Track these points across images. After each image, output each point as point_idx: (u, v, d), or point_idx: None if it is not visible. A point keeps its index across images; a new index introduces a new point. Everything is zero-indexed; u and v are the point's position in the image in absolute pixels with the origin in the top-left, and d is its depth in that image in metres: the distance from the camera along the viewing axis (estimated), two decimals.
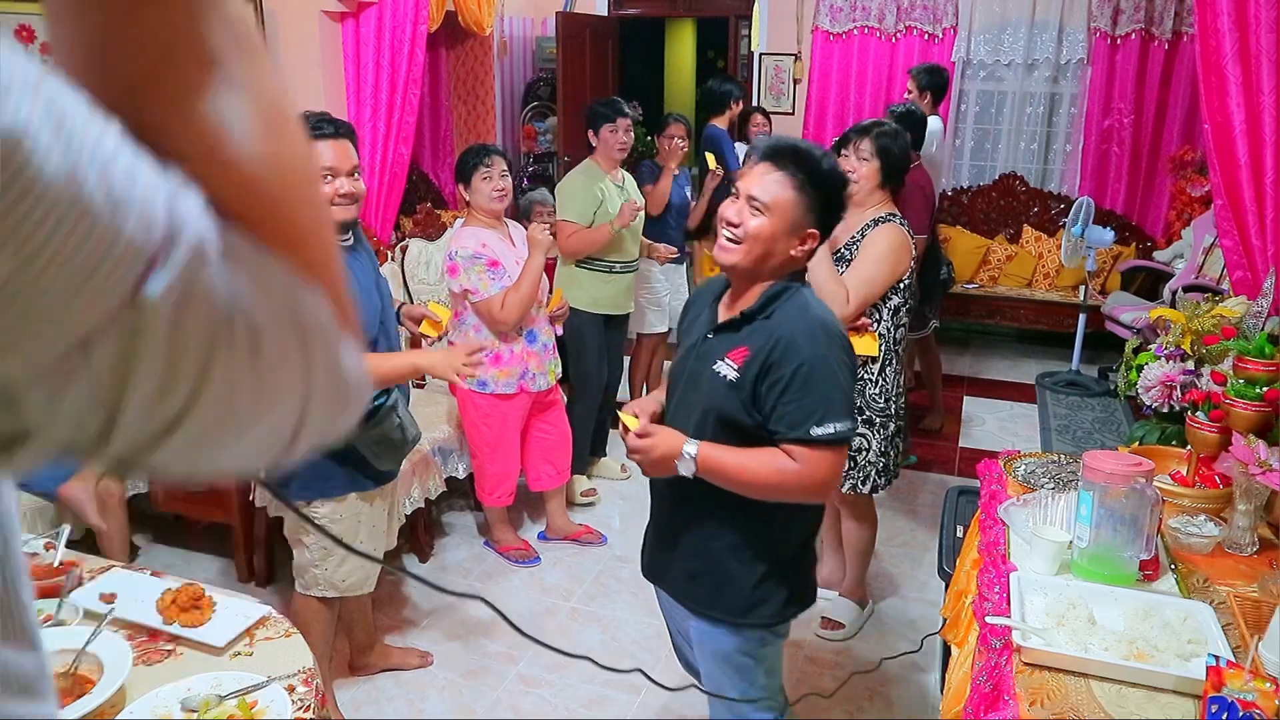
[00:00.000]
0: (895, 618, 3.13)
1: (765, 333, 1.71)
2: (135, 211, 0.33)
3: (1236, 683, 1.29)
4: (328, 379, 0.42)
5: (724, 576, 1.82)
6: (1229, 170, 2.83)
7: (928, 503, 3.90)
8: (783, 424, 1.68)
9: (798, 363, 1.66)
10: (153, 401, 0.35)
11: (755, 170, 1.74)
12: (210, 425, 0.37)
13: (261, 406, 0.39)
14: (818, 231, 1.74)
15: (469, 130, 6.12)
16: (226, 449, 0.40)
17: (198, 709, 1.47)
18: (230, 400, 0.37)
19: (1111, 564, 1.76)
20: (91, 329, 0.33)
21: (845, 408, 1.69)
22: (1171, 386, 2.33)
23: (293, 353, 0.39)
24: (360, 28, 3.91)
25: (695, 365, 1.81)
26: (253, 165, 0.39)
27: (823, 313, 1.75)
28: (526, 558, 3.47)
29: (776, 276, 1.76)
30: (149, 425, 0.36)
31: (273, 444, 0.42)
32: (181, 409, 0.36)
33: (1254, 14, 2.64)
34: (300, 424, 0.41)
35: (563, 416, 3.55)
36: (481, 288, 3.08)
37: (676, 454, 1.71)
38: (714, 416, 1.75)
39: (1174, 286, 4.93)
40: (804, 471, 1.67)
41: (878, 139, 2.73)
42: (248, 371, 0.37)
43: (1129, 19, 5.65)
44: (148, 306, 0.33)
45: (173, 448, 0.37)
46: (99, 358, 0.33)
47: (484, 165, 3.10)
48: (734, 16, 7.26)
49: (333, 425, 0.44)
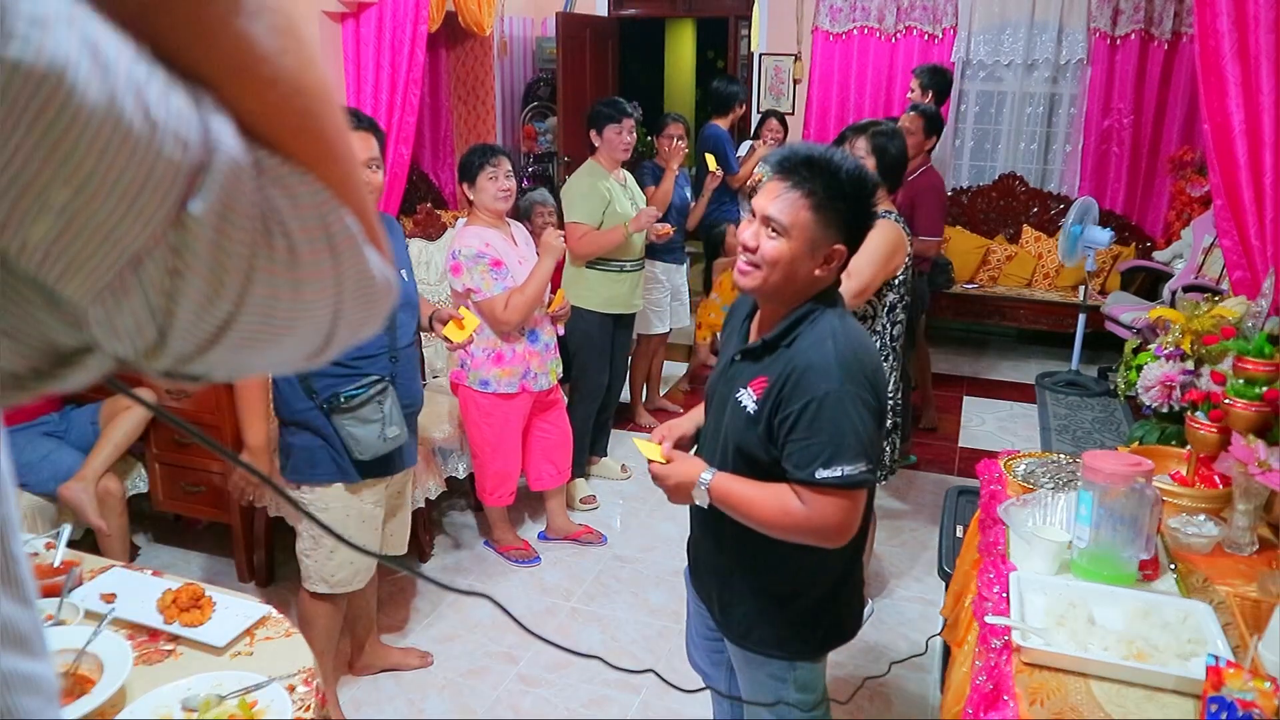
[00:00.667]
0: (895, 618, 3.14)
1: (784, 362, 1.61)
2: (171, 134, 0.34)
3: (1236, 682, 1.29)
4: (357, 283, 0.44)
5: (755, 613, 1.78)
6: (1228, 170, 2.83)
7: (928, 503, 3.91)
8: (790, 462, 1.60)
9: (808, 398, 1.56)
10: (201, 311, 0.37)
11: (769, 187, 1.62)
12: (254, 330, 0.40)
13: (300, 310, 0.41)
14: (844, 247, 1.62)
15: (469, 130, 6.12)
16: (269, 351, 0.42)
17: (198, 709, 1.47)
18: (272, 306, 0.40)
19: (1111, 564, 1.76)
20: (141, 247, 0.35)
21: (858, 449, 1.55)
22: (1171, 386, 2.33)
23: (325, 260, 0.41)
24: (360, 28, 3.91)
25: (724, 390, 1.75)
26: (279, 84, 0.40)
27: (846, 342, 1.61)
28: (526, 558, 3.47)
29: (803, 298, 1.65)
30: (199, 333, 0.38)
31: (310, 344, 0.44)
32: (228, 317, 0.38)
33: (1253, 14, 2.64)
34: (334, 324, 0.44)
35: (563, 416, 3.55)
36: (484, 287, 3.08)
37: (693, 482, 1.67)
38: (734, 448, 1.70)
39: (1174, 286, 4.93)
40: (810, 515, 1.58)
41: (874, 138, 2.75)
42: (286, 279, 0.40)
43: (1129, 19, 5.65)
44: (191, 223, 0.35)
45: (220, 351, 0.40)
46: (150, 273, 0.35)
47: (490, 165, 3.10)
48: (734, 17, 7.26)
49: (363, 325, 0.47)
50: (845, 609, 1.83)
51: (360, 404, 2.32)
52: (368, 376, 2.34)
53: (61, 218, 0.33)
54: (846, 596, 1.83)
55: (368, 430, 2.34)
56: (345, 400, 2.31)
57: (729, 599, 1.81)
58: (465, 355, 3.23)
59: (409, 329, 2.50)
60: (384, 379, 2.37)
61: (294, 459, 2.39)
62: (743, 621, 1.80)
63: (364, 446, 2.35)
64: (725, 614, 1.83)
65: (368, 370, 2.35)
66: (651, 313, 4.40)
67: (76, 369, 0.38)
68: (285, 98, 0.40)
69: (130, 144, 0.33)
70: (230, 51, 0.38)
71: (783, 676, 1.80)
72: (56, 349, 0.37)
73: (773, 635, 1.77)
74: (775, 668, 1.80)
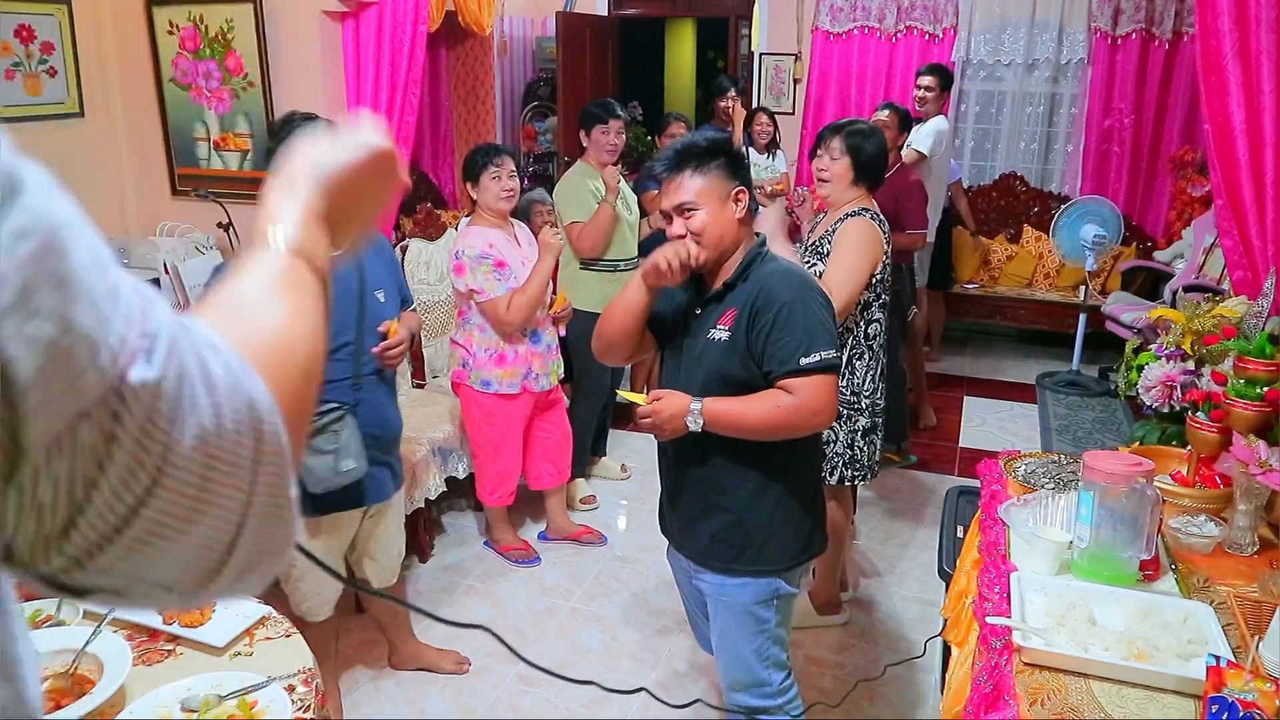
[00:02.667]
0: (895, 618, 3.13)
1: (746, 291, 1.88)
2: (123, 308, 0.38)
3: (1237, 683, 1.29)
4: (270, 495, 0.43)
5: (742, 529, 1.94)
6: (1229, 170, 2.82)
7: (928, 503, 3.90)
8: (774, 362, 1.83)
9: (779, 305, 1.83)
10: (116, 491, 0.38)
11: (665, 189, 1.93)
12: (156, 522, 0.39)
13: (206, 505, 0.41)
14: (742, 186, 1.92)
15: (469, 130, 6.11)
16: (162, 556, 0.41)
17: (198, 709, 1.47)
18: (180, 495, 0.39)
19: (1111, 564, 1.76)
20: (87, 405, 0.36)
21: (828, 338, 1.85)
22: (1172, 386, 2.32)
23: (244, 460, 0.42)
24: (360, 28, 3.91)
25: (690, 341, 1.96)
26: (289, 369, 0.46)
27: (793, 266, 1.95)
28: (526, 558, 3.46)
29: (740, 244, 1.94)
30: (105, 521, 0.38)
31: (207, 554, 0.42)
32: (137, 501, 0.38)
33: (1254, 14, 2.64)
34: (237, 536, 0.42)
35: (563, 416, 3.55)
36: (487, 288, 3.08)
37: (684, 411, 1.85)
38: (716, 378, 1.89)
39: (1174, 286, 4.93)
40: (800, 401, 1.82)
41: (848, 137, 2.76)
42: (201, 467, 0.40)
43: (1129, 19, 5.65)
44: (129, 391, 0.37)
45: (116, 552, 0.39)
46: (86, 434, 0.37)
47: (493, 165, 3.10)
48: (734, 16, 7.26)
49: (266, 545, 0.45)
50: (817, 522, 2.05)
51: (313, 433, 2.15)
52: (325, 404, 2.19)
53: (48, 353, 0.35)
54: (817, 511, 2.06)
55: (320, 461, 2.18)
56: None
57: (713, 528, 1.97)
58: (467, 355, 3.22)
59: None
60: (342, 407, 2.22)
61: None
62: (729, 544, 1.96)
63: (315, 479, 2.19)
64: (710, 544, 1.98)
65: (327, 396, 2.20)
66: None
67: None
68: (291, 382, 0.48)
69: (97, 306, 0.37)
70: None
71: (768, 599, 1.97)
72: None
73: (761, 552, 1.95)
74: (762, 589, 1.96)
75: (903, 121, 4.17)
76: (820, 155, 2.79)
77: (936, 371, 5.54)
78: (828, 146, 2.78)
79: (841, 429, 2.78)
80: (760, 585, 1.96)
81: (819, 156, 2.79)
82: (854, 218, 2.70)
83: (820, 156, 2.79)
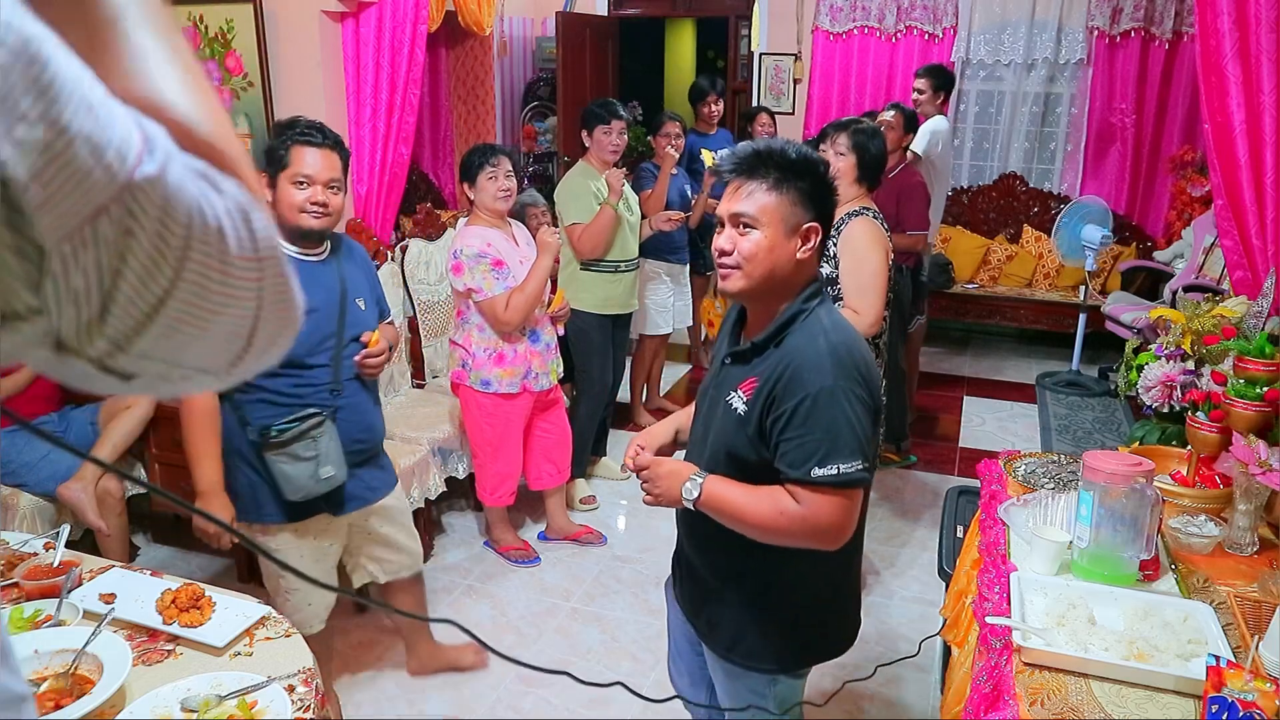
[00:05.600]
0: (895, 618, 3.13)
1: (774, 362, 1.58)
2: (119, 110, 0.40)
3: (1237, 683, 1.29)
4: (275, 287, 0.47)
5: (739, 622, 1.74)
6: (1229, 170, 2.83)
7: (928, 503, 3.90)
8: (784, 462, 1.56)
9: (801, 396, 1.52)
10: (142, 280, 0.41)
11: (729, 189, 1.64)
12: (184, 312, 0.43)
13: (226, 301, 0.44)
14: (817, 224, 1.61)
15: (469, 130, 6.11)
16: (194, 345, 0.45)
17: (198, 709, 1.47)
18: (203, 289, 0.43)
19: (1111, 564, 1.76)
20: (102, 203, 0.39)
21: (854, 446, 1.52)
22: (1172, 386, 2.32)
23: (249, 252, 0.45)
24: (360, 28, 3.91)
25: (714, 395, 1.72)
26: (196, 127, 0.46)
27: (839, 338, 1.58)
28: (526, 558, 3.46)
29: (791, 290, 1.62)
30: (135, 309, 0.42)
31: (232, 342, 0.47)
32: (163, 292, 0.42)
33: (1254, 13, 2.64)
34: (254, 326, 0.47)
35: (563, 416, 3.55)
36: (485, 287, 3.08)
37: (682, 479, 1.63)
38: (723, 452, 1.66)
39: (1174, 286, 4.93)
40: (806, 515, 1.54)
41: (854, 135, 2.76)
42: (216, 264, 0.43)
43: (1128, 18, 5.65)
44: (140, 186, 0.40)
45: (150, 338, 0.43)
46: (104, 229, 0.39)
47: (490, 165, 3.10)
48: (734, 16, 7.26)
49: (279, 335, 0.49)
50: (835, 622, 1.79)
51: (291, 439, 2.12)
52: (305, 409, 2.16)
53: (46, 154, 0.37)
54: (838, 609, 1.79)
55: (299, 469, 2.14)
56: (276, 434, 2.12)
57: (715, 609, 1.76)
58: (467, 355, 3.22)
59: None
60: (320, 413, 2.17)
61: (241, 495, 2.22)
62: (729, 633, 1.75)
63: (294, 486, 2.16)
64: (711, 625, 1.78)
65: (307, 400, 2.17)
66: (655, 312, 4.40)
67: (9, 332, 0.40)
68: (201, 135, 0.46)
69: (95, 110, 0.39)
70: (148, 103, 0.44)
71: (763, 692, 1.77)
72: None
73: (759, 647, 1.73)
74: (756, 681, 1.76)
75: (908, 122, 4.16)
76: (824, 150, 2.79)
77: (936, 371, 5.54)
78: (833, 142, 2.78)
79: None
80: (754, 677, 1.76)
81: (822, 151, 2.79)
82: (856, 218, 2.71)
83: (824, 151, 2.79)
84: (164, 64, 0.46)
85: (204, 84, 0.49)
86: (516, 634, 3.02)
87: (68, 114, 0.38)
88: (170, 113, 0.45)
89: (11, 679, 0.51)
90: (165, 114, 0.44)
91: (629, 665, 2.88)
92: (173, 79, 0.46)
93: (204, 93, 0.48)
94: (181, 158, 0.43)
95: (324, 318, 2.20)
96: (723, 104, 5.11)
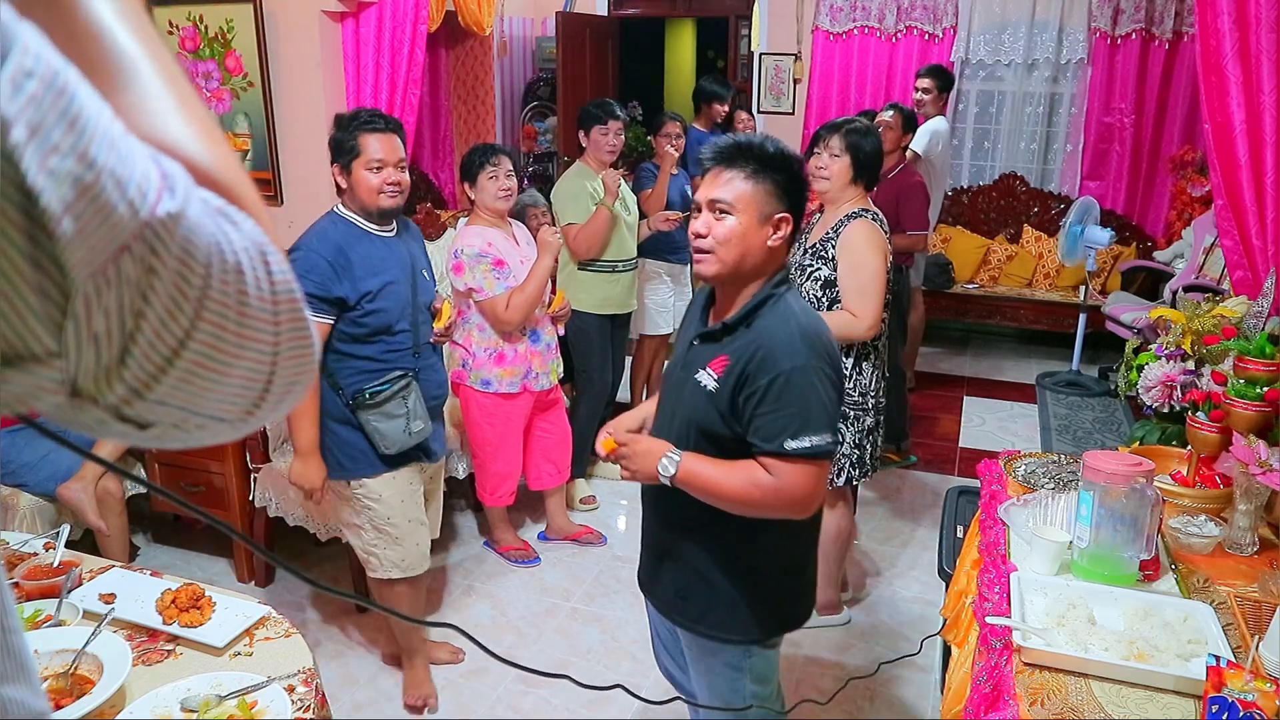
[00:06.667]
0: (895, 618, 3.13)
1: (746, 342, 1.66)
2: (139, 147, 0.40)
3: (1237, 683, 1.29)
4: (294, 329, 0.46)
5: (709, 594, 1.78)
6: (1229, 170, 2.83)
7: (928, 503, 3.90)
8: (758, 435, 1.63)
9: (775, 373, 1.60)
10: (163, 320, 0.41)
11: (708, 177, 1.72)
12: (203, 355, 0.42)
13: (242, 345, 0.44)
14: (789, 215, 1.70)
15: (469, 130, 6.11)
16: (213, 389, 0.44)
17: (197, 709, 1.47)
18: (220, 329, 0.42)
19: (1111, 564, 1.76)
20: (125, 240, 0.39)
21: (825, 421, 1.62)
22: (1172, 386, 2.32)
23: (265, 294, 0.44)
24: (360, 28, 3.91)
25: (681, 374, 1.78)
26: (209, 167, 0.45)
27: (808, 321, 1.68)
28: (526, 558, 3.46)
29: (761, 276, 1.72)
30: (156, 350, 0.41)
31: (249, 389, 0.46)
32: (184, 333, 0.41)
33: (1254, 14, 2.64)
34: (272, 370, 0.46)
35: (563, 416, 3.55)
36: (486, 287, 3.08)
37: (658, 456, 1.69)
38: (695, 428, 1.72)
39: (1174, 286, 4.93)
40: (780, 486, 1.62)
41: (847, 135, 2.76)
42: (234, 303, 0.43)
43: (1129, 19, 5.65)
44: (163, 222, 0.40)
45: (167, 386, 0.42)
46: (127, 268, 0.39)
47: (490, 164, 3.11)
48: (734, 16, 7.25)
49: (296, 379, 0.48)
50: (801, 592, 1.88)
51: (385, 399, 2.40)
52: (392, 372, 2.42)
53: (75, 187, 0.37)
54: (805, 580, 1.88)
55: (392, 425, 2.41)
56: (370, 396, 2.39)
57: (685, 584, 1.82)
58: (467, 355, 3.22)
59: (430, 325, 2.58)
60: (408, 374, 2.44)
61: (337, 455, 2.45)
62: (699, 605, 1.80)
63: (390, 441, 2.42)
64: (682, 600, 1.83)
65: (394, 364, 2.43)
66: (655, 312, 4.39)
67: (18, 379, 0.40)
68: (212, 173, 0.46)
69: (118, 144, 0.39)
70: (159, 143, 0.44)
71: (738, 665, 1.82)
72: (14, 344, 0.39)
73: (729, 618, 1.78)
74: (731, 655, 1.81)
75: (907, 122, 4.17)
76: (819, 153, 2.79)
77: (936, 371, 5.54)
78: (826, 144, 2.78)
79: (850, 430, 2.78)
80: (728, 650, 1.81)
81: (817, 154, 2.80)
82: (855, 220, 2.71)
83: (819, 154, 2.79)
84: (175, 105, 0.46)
85: (214, 127, 0.49)
86: (516, 634, 3.02)
87: (94, 147, 0.38)
88: (183, 151, 0.45)
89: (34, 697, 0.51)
90: (178, 153, 0.44)
91: (629, 665, 2.88)
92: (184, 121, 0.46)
93: (215, 135, 0.48)
94: (200, 193, 0.43)
95: (402, 288, 2.44)
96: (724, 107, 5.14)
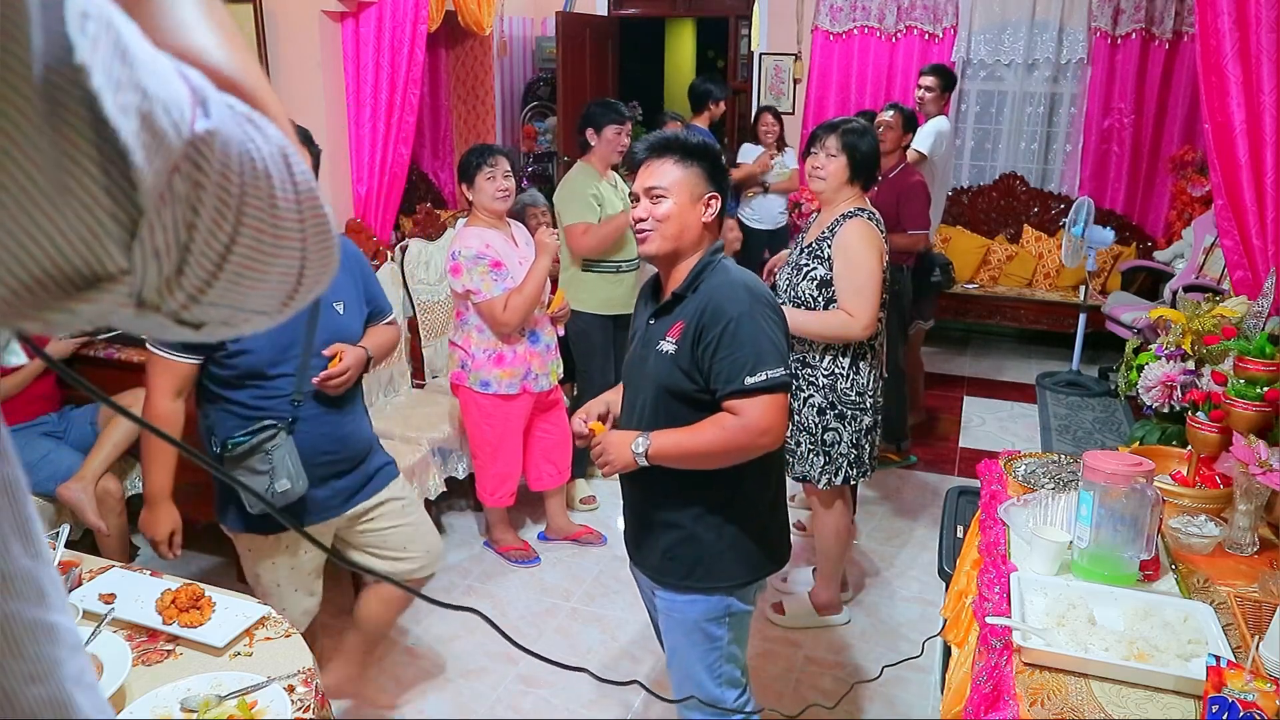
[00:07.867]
0: (895, 618, 3.13)
1: (694, 303, 1.84)
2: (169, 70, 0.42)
3: (1237, 683, 1.29)
4: (317, 224, 0.49)
5: (696, 546, 1.91)
6: (1229, 170, 2.83)
7: (928, 503, 3.90)
8: (720, 380, 1.79)
9: (725, 320, 1.78)
10: (211, 230, 0.43)
11: (642, 170, 1.93)
12: (247, 258, 0.46)
13: (278, 240, 0.47)
14: (717, 194, 1.92)
15: (469, 130, 6.11)
16: (257, 287, 0.48)
17: (197, 709, 1.46)
18: (258, 232, 0.45)
19: (1112, 564, 1.76)
20: (175, 160, 0.41)
21: (777, 356, 1.79)
22: (1172, 386, 2.32)
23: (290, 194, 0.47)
24: (360, 28, 3.91)
25: (642, 351, 1.94)
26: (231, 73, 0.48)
27: (745, 277, 1.89)
28: (526, 558, 3.46)
29: (699, 249, 1.91)
30: (206, 260, 0.44)
31: (285, 283, 0.49)
32: (229, 239, 0.44)
33: (1254, 14, 2.64)
34: (303, 264, 0.49)
35: (563, 416, 3.54)
36: (484, 288, 3.08)
37: (629, 443, 1.84)
38: (662, 392, 1.87)
39: (1174, 286, 4.93)
40: (747, 422, 1.77)
41: (844, 136, 2.76)
42: (266, 206, 0.45)
43: (1129, 19, 5.65)
44: (203, 138, 0.42)
45: (218, 289, 0.45)
46: (178, 185, 0.42)
47: (488, 165, 3.10)
48: (734, 16, 7.26)
49: (323, 270, 0.52)
50: (775, 538, 2.01)
51: (245, 453, 2.07)
52: (262, 420, 2.09)
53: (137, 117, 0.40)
54: (775, 528, 2.02)
55: (255, 482, 2.07)
56: (231, 447, 2.07)
57: (671, 544, 1.93)
58: (466, 356, 3.22)
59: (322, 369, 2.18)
60: (275, 426, 2.09)
61: (221, 505, 2.24)
62: (687, 562, 1.92)
63: (250, 500, 2.11)
64: (669, 561, 1.94)
65: (268, 413, 2.10)
66: None
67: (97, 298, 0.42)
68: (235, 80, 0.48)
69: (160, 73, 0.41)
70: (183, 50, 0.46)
71: (720, 616, 1.93)
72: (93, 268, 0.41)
73: (716, 567, 1.91)
74: (713, 606, 1.92)
75: (907, 122, 4.15)
76: (815, 153, 2.79)
77: (936, 371, 5.54)
78: (823, 144, 2.78)
79: (847, 429, 2.78)
80: (711, 602, 1.93)
81: (813, 154, 2.80)
82: (851, 219, 2.71)
83: (815, 154, 2.79)
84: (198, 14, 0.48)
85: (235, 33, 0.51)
86: (517, 634, 2.98)
87: (144, 77, 0.40)
88: (207, 60, 0.47)
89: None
90: (201, 62, 0.46)
91: (629, 665, 2.88)
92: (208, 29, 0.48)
93: (236, 41, 0.50)
94: (226, 99, 0.45)
95: (288, 326, 2.05)
96: (724, 105, 5.15)
